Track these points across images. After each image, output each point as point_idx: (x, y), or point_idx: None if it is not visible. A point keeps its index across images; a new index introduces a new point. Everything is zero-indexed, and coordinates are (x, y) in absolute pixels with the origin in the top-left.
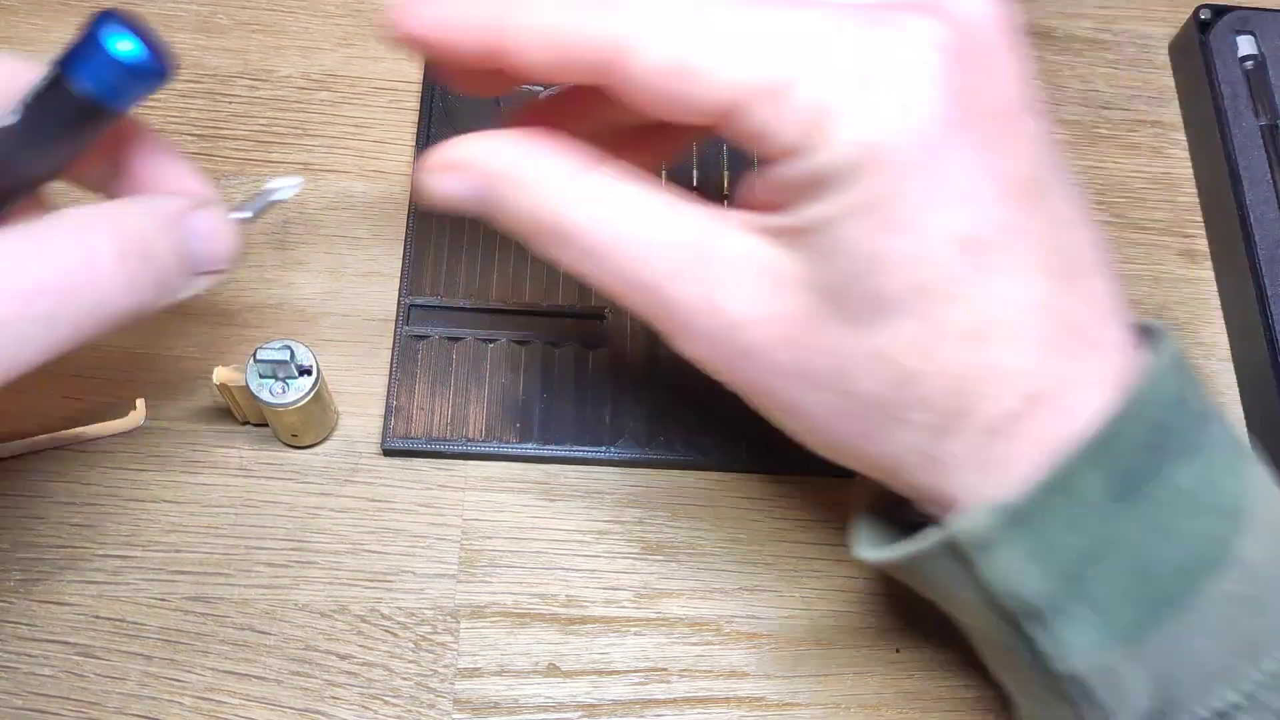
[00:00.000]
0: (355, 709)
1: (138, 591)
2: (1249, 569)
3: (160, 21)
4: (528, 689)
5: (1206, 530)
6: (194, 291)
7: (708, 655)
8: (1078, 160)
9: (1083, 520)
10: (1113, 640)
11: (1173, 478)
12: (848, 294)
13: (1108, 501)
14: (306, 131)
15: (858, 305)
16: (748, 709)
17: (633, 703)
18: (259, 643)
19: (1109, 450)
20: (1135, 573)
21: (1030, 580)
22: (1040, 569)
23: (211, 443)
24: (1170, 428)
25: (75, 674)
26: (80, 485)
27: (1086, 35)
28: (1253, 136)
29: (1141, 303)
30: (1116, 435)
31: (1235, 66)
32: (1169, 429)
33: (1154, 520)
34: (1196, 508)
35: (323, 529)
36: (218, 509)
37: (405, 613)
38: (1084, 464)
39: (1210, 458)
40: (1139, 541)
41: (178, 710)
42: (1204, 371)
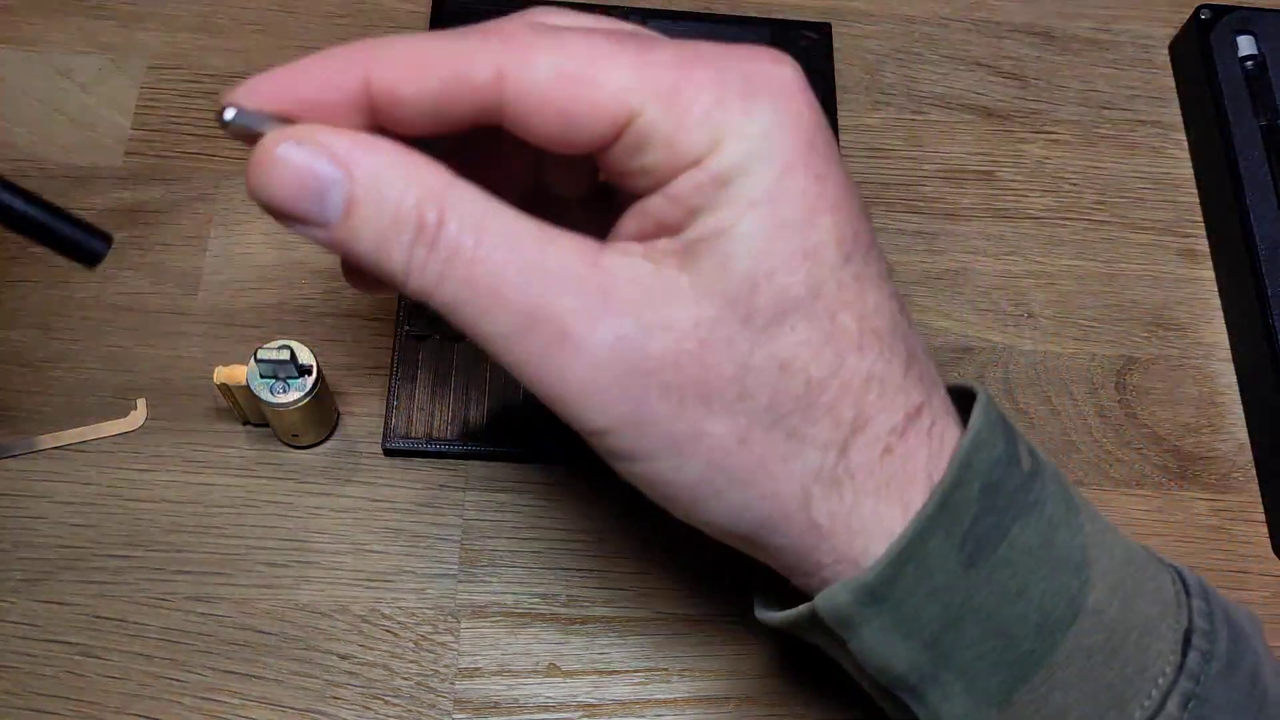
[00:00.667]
0: (356, 709)
1: (138, 591)
2: (1098, 619)
3: (160, 21)
4: (528, 689)
5: (1057, 586)
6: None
7: (709, 655)
8: (1078, 160)
9: (938, 589)
10: (984, 705)
11: (1018, 539)
12: (751, 300)
13: (959, 568)
14: None
15: (760, 312)
16: (748, 708)
17: (633, 703)
18: (260, 643)
19: (949, 515)
20: (995, 635)
21: (897, 653)
22: (904, 641)
23: (211, 443)
24: (1000, 487)
25: (76, 674)
26: (80, 485)
27: (1086, 35)
28: (1253, 136)
29: (1141, 303)
30: (953, 500)
31: (1235, 66)
32: (1000, 489)
33: (1006, 581)
34: (1044, 564)
35: (323, 529)
36: (218, 509)
37: (406, 613)
38: (929, 532)
39: (1046, 513)
40: (995, 604)
41: (178, 710)
42: (1204, 372)
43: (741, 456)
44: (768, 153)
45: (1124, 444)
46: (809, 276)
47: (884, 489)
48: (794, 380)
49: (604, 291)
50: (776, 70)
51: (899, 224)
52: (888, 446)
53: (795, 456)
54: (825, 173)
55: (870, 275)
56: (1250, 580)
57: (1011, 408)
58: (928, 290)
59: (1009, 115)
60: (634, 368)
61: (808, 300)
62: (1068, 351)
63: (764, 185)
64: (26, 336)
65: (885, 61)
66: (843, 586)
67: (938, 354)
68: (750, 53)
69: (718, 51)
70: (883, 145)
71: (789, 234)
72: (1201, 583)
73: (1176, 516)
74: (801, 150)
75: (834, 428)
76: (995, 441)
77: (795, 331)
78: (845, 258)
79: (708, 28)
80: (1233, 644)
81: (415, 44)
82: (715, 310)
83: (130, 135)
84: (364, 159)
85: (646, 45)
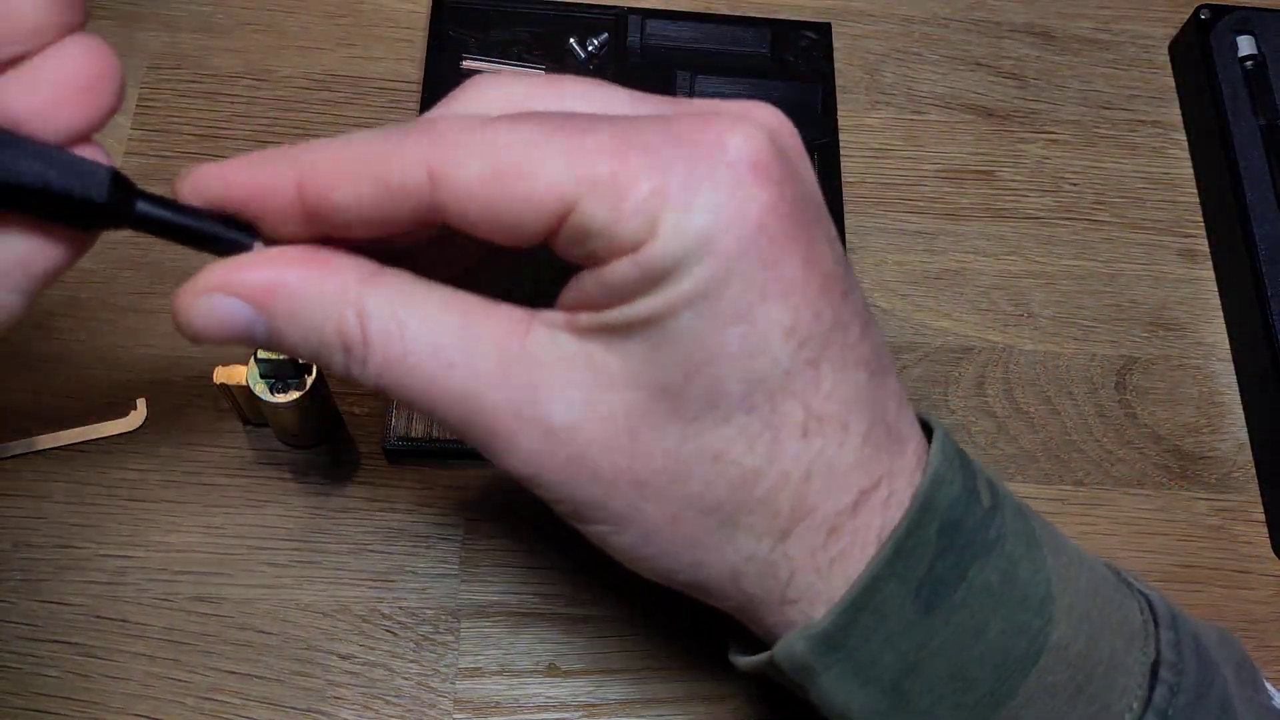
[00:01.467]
0: (357, 709)
1: (140, 592)
2: (1062, 655)
3: (160, 21)
4: (529, 689)
5: (1017, 625)
6: None
7: (709, 655)
8: (1078, 160)
9: (894, 635)
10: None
11: (976, 579)
12: (683, 390)
13: (916, 615)
14: (307, 132)
15: (693, 402)
16: (748, 708)
17: (633, 702)
18: (261, 643)
19: (904, 561)
20: (955, 678)
21: (856, 700)
22: (863, 689)
23: (211, 443)
24: (960, 526)
25: (78, 674)
26: (81, 485)
27: (1086, 35)
28: (1253, 136)
29: (1141, 303)
30: (908, 546)
31: (1235, 66)
32: (959, 528)
33: (965, 624)
34: (1004, 604)
35: (324, 529)
36: (219, 509)
37: (407, 612)
38: (882, 580)
39: (1006, 550)
40: (954, 648)
41: (180, 710)
42: (1204, 372)
43: (673, 534)
44: (707, 246)
45: (1124, 444)
46: (746, 370)
47: (828, 567)
48: (727, 471)
49: (530, 384)
50: (731, 145)
51: (899, 224)
52: (834, 527)
53: (728, 542)
54: (777, 258)
55: (831, 355)
56: (1250, 580)
57: (1011, 408)
58: (928, 290)
59: (1009, 115)
60: (566, 458)
61: (743, 392)
62: (1068, 351)
63: (702, 279)
64: (26, 336)
65: (885, 61)
66: (799, 635)
67: (937, 354)
68: (701, 126)
69: (662, 129)
70: (883, 145)
71: (725, 328)
72: (1170, 609)
73: (1177, 516)
74: (747, 240)
75: (771, 518)
76: (954, 478)
77: (729, 423)
78: (798, 344)
79: (708, 28)
80: (1201, 673)
81: (344, 148)
82: (644, 400)
83: (130, 135)
84: (278, 291)
85: (583, 129)
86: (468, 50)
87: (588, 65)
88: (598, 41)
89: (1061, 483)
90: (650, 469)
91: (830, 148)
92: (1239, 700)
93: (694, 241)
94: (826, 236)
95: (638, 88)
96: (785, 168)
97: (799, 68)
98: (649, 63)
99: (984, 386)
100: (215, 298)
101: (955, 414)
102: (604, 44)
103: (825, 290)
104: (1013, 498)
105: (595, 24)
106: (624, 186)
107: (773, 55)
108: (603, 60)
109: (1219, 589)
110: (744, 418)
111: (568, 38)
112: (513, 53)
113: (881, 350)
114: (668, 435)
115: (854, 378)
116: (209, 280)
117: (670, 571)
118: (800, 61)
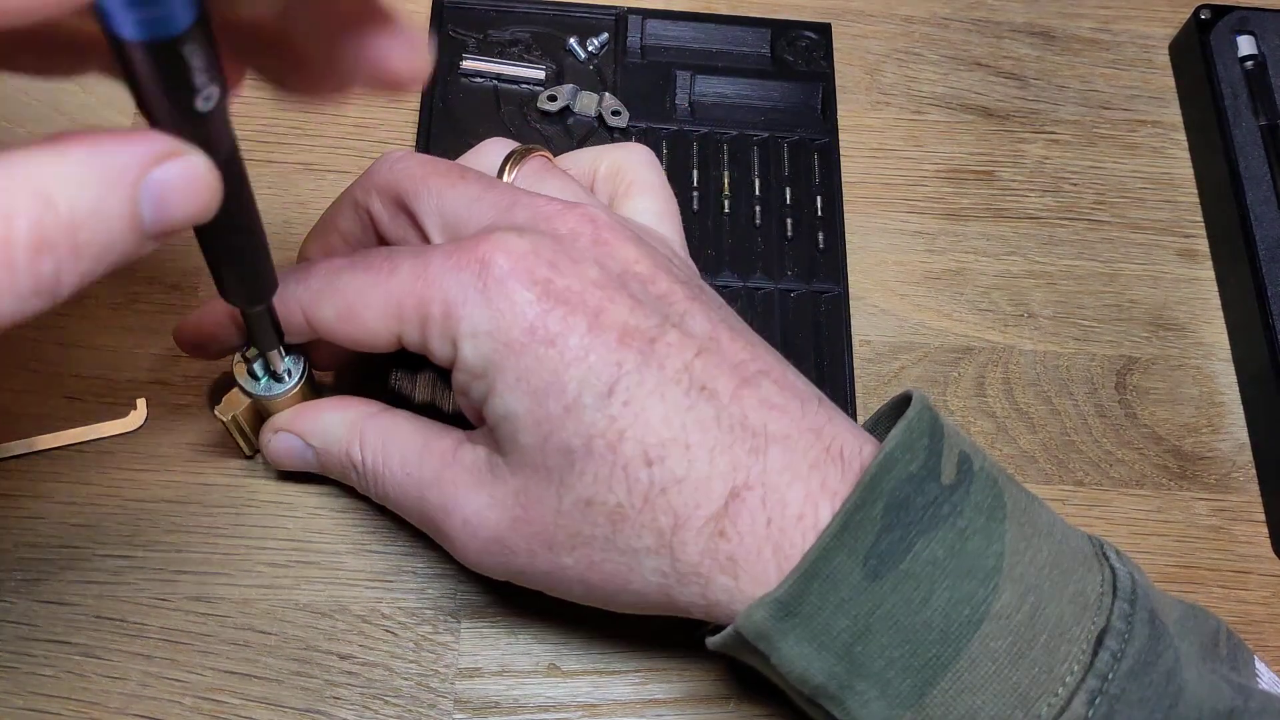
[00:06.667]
0: (356, 709)
1: (139, 591)
2: (1005, 623)
3: None
4: (528, 689)
5: (963, 593)
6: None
7: (709, 655)
8: (1078, 160)
9: (846, 602)
10: (898, 708)
11: (922, 552)
12: (545, 461)
13: (864, 582)
14: (307, 131)
15: (555, 468)
16: (749, 708)
17: (633, 703)
18: (260, 643)
19: (851, 535)
20: (903, 643)
21: (813, 664)
22: (819, 653)
23: (211, 443)
24: (908, 504)
25: (76, 674)
26: (80, 485)
27: (1086, 35)
28: (1253, 136)
29: (1141, 303)
30: (855, 520)
31: (1235, 66)
32: (906, 506)
33: (910, 592)
34: (949, 574)
35: (323, 529)
36: (218, 509)
37: (406, 612)
38: (832, 550)
39: (959, 525)
40: (900, 613)
41: (179, 710)
42: (1204, 372)
43: (597, 575)
44: (494, 343)
45: (1124, 444)
46: (577, 427)
47: (730, 566)
48: (600, 511)
49: (454, 486)
50: (495, 262)
51: (899, 224)
52: (718, 531)
53: (638, 566)
54: (556, 333)
55: (647, 391)
56: (1250, 580)
57: (1011, 408)
58: (928, 290)
59: (1009, 115)
60: (488, 539)
61: (584, 445)
62: (1068, 351)
63: (508, 369)
64: (27, 336)
65: (885, 61)
66: (759, 604)
67: (937, 354)
68: (473, 249)
69: (446, 257)
70: (883, 145)
71: (546, 400)
72: (1134, 584)
73: (1176, 516)
74: (523, 330)
75: (656, 536)
76: (912, 458)
77: (585, 474)
78: (605, 393)
79: (708, 28)
80: (1152, 642)
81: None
82: (523, 479)
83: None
84: (315, 432)
85: (394, 266)
86: (468, 50)
87: (588, 65)
88: (598, 41)
89: (1061, 483)
90: (549, 530)
91: (830, 148)
92: (1193, 670)
93: (487, 343)
94: (628, 296)
95: (638, 88)
96: (551, 263)
97: (799, 68)
98: (649, 63)
99: (983, 387)
100: (280, 435)
101: (954, 414)
102: (604, 44)
103: (623, 343)
104: (991, 471)
105: (595, 24)
106: (423, 316)
107: (773, 55)
108: (602, 60)
109: (1218, 589)
110: (595, 465)
111: (568, 38)
112: (513, 53)
113: (737, 367)
114: (549, 500)
115: (683, 403)
116: (274, 423)
117: (626, 604)
118: (800, 61)
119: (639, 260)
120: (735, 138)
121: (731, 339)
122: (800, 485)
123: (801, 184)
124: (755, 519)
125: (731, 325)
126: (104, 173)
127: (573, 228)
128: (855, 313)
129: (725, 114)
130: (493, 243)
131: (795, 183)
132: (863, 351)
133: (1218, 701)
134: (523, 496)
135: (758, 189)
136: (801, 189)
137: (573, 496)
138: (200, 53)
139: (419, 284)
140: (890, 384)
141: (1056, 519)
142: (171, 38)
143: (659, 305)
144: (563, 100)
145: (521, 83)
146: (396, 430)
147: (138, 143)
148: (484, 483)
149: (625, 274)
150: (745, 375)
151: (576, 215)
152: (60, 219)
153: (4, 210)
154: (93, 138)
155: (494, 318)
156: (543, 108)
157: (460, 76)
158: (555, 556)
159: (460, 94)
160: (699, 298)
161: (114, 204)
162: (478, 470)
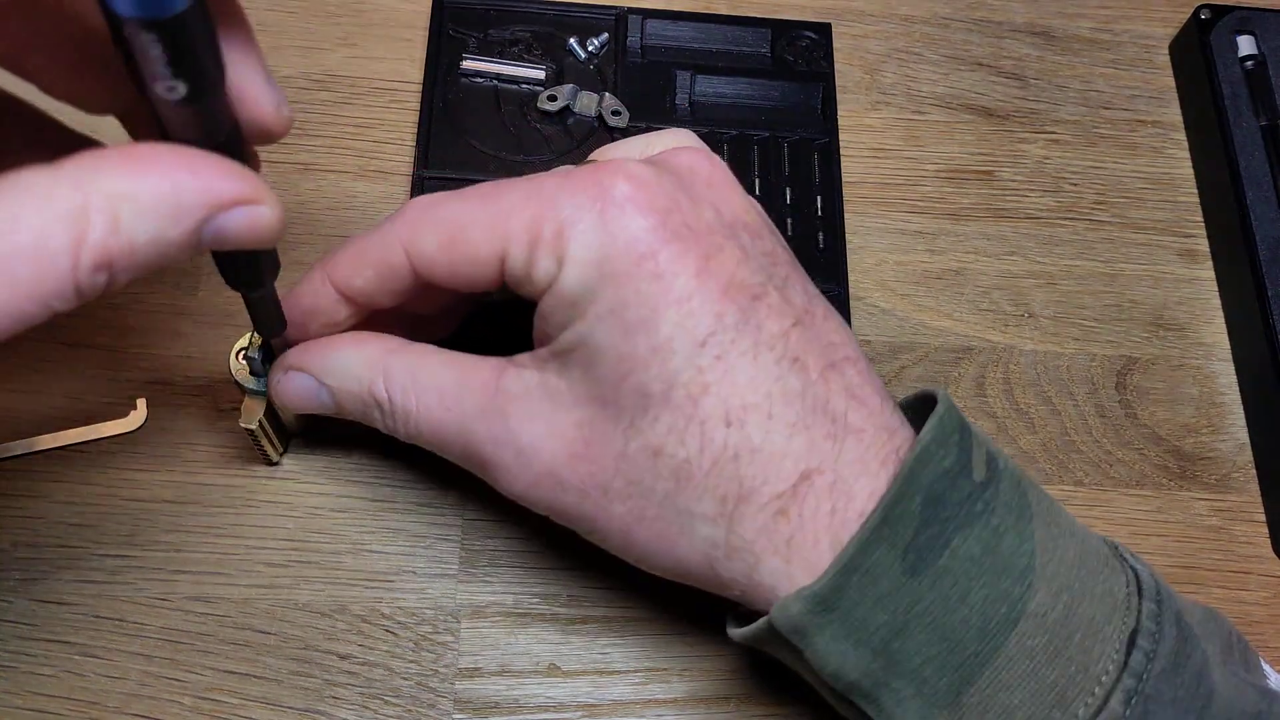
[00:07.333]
0: (355, 709)
1: (138, 591)
2: (1041, 621)
3: None
4: (528, 689)
5: (999, 591)
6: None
7: (709, 655)
8: (1078, 160)
9: (884, 597)
10: (935, 707)
11: (960, 549)
12: (617, 399)
13: (903, 577)
14: (307, 132)
15: (627, 408)
16: (749, 708)
17: (633, 703)
18: (259, 642)
19: (891, 528)
20: (940, 640)
21: (849, 661)
22: (855, 649)
23: (211, 443)
24: (943, 500)
25: (75, 673)
26: (80, 485)
27: (1086, 35)
28: (1253, 136)
29: (1141, 303)
30: (895, 514)
31: (1235, 66)
32: (942, 501)
33: (948, 589)
34: (986, 572)
35: (323, 529)
36: (218, 509)
37: (406, 612)
38: (872, 544)
39: (992, 522)
40: (939, 610)
41: (178, 710)
42: (1204, 372)
43: (644, 531)
44: (600, 270)
45: (1124, 444)
46: (661, 371)
47: (784, 549)
48: (667, 464)
49: (503, 415)
50: (616, 186)
51: (899, 224)
52: (780, 510)
53: (689, 530)
54: (666, 269)
55: (741, 350)
56: (1250, 580)
57: (1011, 408)
58: (928, 290)
59: (1009, 115)
60: (540, 473)
61: (664, 391)
62: (1068, 351)
63: (604, 299)
64: (27, 336)
65: (885, 61)
66: (796, 596)
67: (937, 354)
68: (593, 174)
69: (561, 182)
70: (883, 145)
71: (635, 337)
72: (1158, 585)
73: (1176, 516)
74: (634, 261)
75: (717, 502)
76: (945, 454)
77: (659, 421)
78: (699, 343)
79: (708, 28)
80: (1181, 643)
81: (353, 246)
82: (590, 412)
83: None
84: (332, 369)
85: (501, 193)
86: (468, 50)
87: (588, 65)
88: (598, 41)
89: (1061, 483)
90: (607, 473)
91: (830, 148)
92: (1219, 672)
93: (593, 269)
94: (738, 247)
95: (638, 88)
96: (672, 197)
97: (799, 68)
98: (649, 63)
99: (984, 386)
100: (291, 374)
101: None
102: (604, 44)
103: (727, 294)
104: (1015, 471)
105: (595, 24)
106: (534, 234)
107: (773, 55)
108: (603, 60)
109: (1219, 589)
110: (671, 414)
111: (568, 38)
112: (512, 53)
113: (824, 346)
114: (614, 440)
115: (773, 372)
116: (283, 360)
117: (662, 566)
118: (800, 61)
119: (748, 211)
120: (735, 137)
121: (825, 317)
122: (867, 481)
123: (801, 184)
124: (820, 506)
125: (825, 303)
126: (174, 210)
127: (690, 164)
128: (855, 312)
129: (725, 114)
130: (615, 168)
131: (795, 182)
132: (863, 351)
133: (1245, 704)
134: (586, 430)
135: (758, 189)
136: (801, 189)
137: (640, 441)
138: (199, 33)
139: (533, 203)
140: (891, 384)
141: (1074, 520)
142: (170, 17)
143: (764, 263)
144: (563, 100)
145: (521, 83)
146: (425, 364)
147: (210, 177)
148: (539, 411)
149: (736, 223)
150: (833, 359)
151: (691, 151)
152: (122, 242)
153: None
154: (168, 163)
155: (607, 243)
156: (543, 108)
157: (460, 76)
158: (607, 502)
159: (460, 94)
160: (797, 266)
161: (176, 236)
162: (529, 398)
